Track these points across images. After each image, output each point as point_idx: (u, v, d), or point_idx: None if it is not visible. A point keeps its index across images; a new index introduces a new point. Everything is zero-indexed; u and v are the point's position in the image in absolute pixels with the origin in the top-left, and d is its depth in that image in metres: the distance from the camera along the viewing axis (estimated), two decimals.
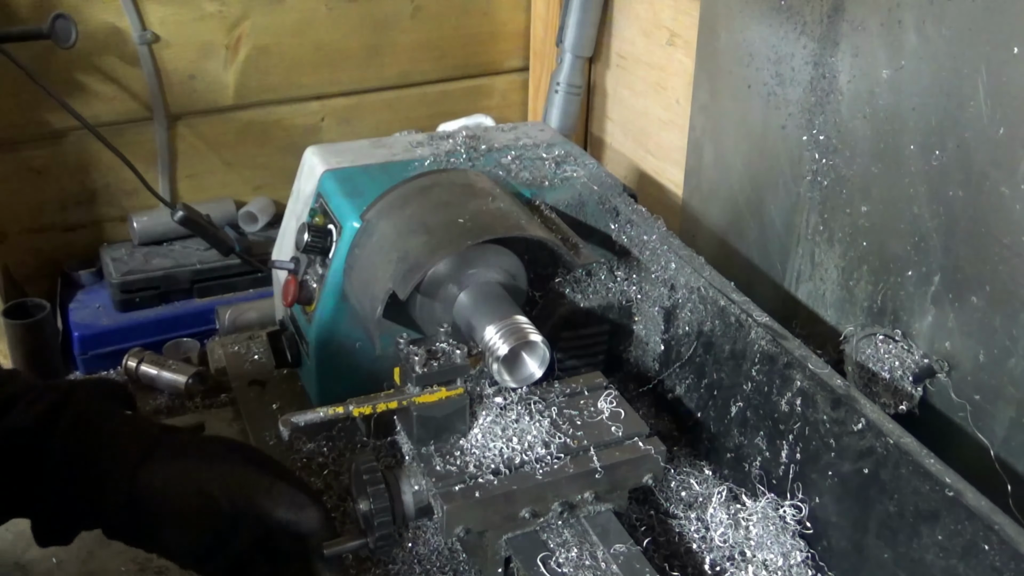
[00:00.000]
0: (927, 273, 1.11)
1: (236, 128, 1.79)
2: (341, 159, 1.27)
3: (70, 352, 1.61)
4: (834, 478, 0.95)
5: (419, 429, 0.93)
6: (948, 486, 0.83)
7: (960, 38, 1.01)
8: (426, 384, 0.92)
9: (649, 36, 1.68)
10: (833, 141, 1.22)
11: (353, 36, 1.81)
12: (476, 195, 1.13)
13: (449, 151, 1.30)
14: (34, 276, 1.73)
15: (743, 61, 1.35)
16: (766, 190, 1.35)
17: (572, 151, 1.35)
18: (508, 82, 2.00)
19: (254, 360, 1.41)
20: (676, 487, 1.10)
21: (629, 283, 1.23)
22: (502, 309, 1.00)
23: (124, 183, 1.72)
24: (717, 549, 1.01)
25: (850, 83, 1.17)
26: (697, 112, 1.50)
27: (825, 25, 1.19)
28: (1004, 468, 1.04)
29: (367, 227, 1.12)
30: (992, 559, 0.79)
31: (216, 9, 1.69)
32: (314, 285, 1.18)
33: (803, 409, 0.98)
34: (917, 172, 1.10)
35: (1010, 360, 1.02)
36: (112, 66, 1.66)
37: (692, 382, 1.16)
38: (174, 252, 1.73)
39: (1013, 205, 0.98)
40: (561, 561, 0.92)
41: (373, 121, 1.90)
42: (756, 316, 1.05)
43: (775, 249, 1.36)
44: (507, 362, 0.96)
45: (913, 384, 1.11)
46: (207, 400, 1.36)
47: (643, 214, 1.25)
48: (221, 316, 1.55)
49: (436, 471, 0.91)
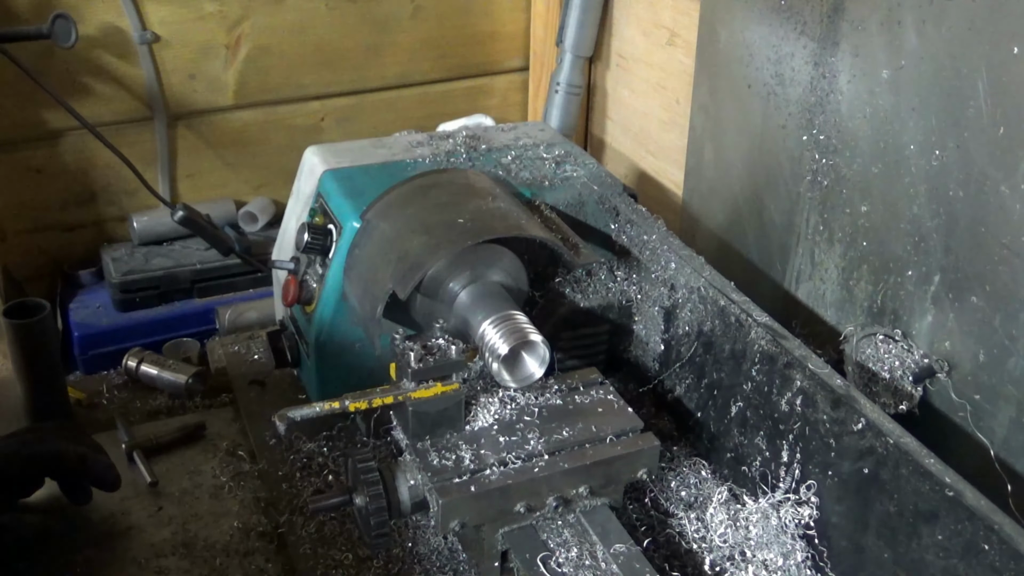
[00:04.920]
0: (927, 273, 1.11)
1: (236, 128, 1.79)
2: (341, 159, 1.27)
3: (70, 352, 1.61)
4: (834, 478, 0.95)
5: (415, 424, 0.94)
6: (948, 486, 0.83)
7: (960, 38, 1.01)
8: (422, 379, 0.93)
9: (649, 36, 1.68)
10: (833, 141, 1.22)
11: (353, 36, 1.81)
12: (476, 195, 1.13)
13: (449, 151, 1.30)
14: (34, 276, 1.73)
15: (743, 61, 1.35)
16: (766, 190, 1.35)
17: (572, 151, 1.35)
18: (508, 82, 2.00)
19: (254, 360, 1.41)
20: (676, 487, 1.10)
21: (629, 283, 1.23)
22: (502, 309, 1.00)
23: (124, 183, 1.72)
24: (717, 549, 1.01)
25: (850, 83, 1.17)
26: (697, 112, 1.50)
27: (825, 25, 1.19)
28: (1004, 468, 1.04)
29: (367, 227, 1.12)
30: (992, 559, 0.79)
31: (216, 9, 1.69)
32: (314, 285, 1.18)
33: (803, 409, 0.98)
34: (917, 172, 1.10)
35: (1010, 360, 1.02)
36: (112, 66, 1.66)
37: (692, 382, 1.16)
38: (174, 252, 1.73)
39: (1013, 205, 0.98)
40: (561, 561, 0.92)
41: (373, 121, 1.90)
42: (756, 316, 1.05)
43: (775, 249, 1.36)
44: (507, 362, 0.97)
45: (913, 384, 1.11)
46: (207, 400, 1.37)
47: (643, 214, 1.25)
48: (221, 316, 1.55)
49: (432, 465, 0.92)
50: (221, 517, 1.13)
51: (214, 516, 1.13)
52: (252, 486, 1.17)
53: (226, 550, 1.08)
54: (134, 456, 1.21)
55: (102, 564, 1.06)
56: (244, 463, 1.21)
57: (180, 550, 1.08)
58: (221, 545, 1.09)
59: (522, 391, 1.01)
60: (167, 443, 1.24)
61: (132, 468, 1.19)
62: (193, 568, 1.06)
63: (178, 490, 1.17)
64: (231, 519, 1.13)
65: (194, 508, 1.14)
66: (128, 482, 1.15)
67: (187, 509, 1.14)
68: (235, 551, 1.08)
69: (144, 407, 1.36)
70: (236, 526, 1.11)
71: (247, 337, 1.46)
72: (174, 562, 1.06)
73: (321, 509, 0.95)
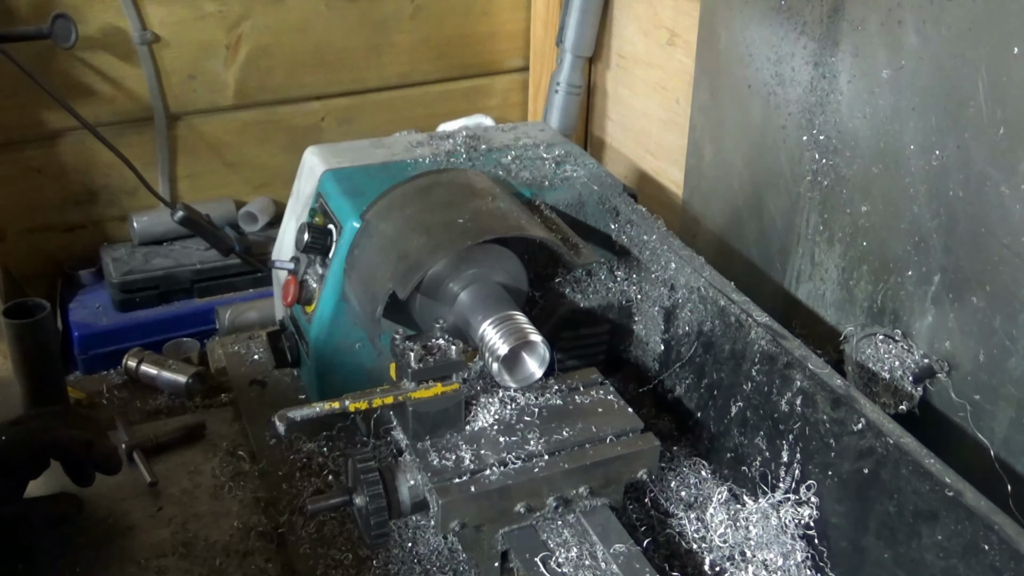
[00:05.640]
0: (927, 273, 1.11)
1: (236, 128, 1.79)
2: (341, 159, 1.27)
3: (70, 352, 1.61)
4: (834, 478, 0.95)
5: (415, 424, 0.94)
6: (948, 486, 0.83)
7: (960, 38, 1.01)
8: (422, 380, 0.92)
9: (649, 36, 1.68)
10: (833, 141, 1.22)
11: (353, 36, 1.81)
12: (476, 195, 1.13)
13: (449, 151, 1.30)
14: (34, 276, 1.73)
15: (743, 61, 1.35)
16: (766, 190, 1.35)
17: (572, 151, 1.35)
18: (508, 82, 2.00)
19: (254, 360, 1.41)
20: (676, 487, 1.10)
21: (629, 283, 1.23)
22: (502, 309, 1.00)
23: (124, 183, 1.72)
24: (717, 549, 1.01)
25: (850, 83, 1.17)
26: (697, 112, 1.50)
27: (825, 25, 1.19)
28: (1004, 468, 1.04)
29: (367, 227, 1.12)
30: (992, 559, 0.79)
31: (216, 9, 1.69)
32: (314, 285, 1.18)
33: (803, 409, 0.98)
34: (917, 172, 1.10)
35: (1010, 360, 1.02)
36: (112, 66, 1.66)
37: (692, 382, 1.16)
38: (174, 252, 1.73)
39: (1013, 205, 0.98)
40: (561, 561, 0.92)
41: (373, 121, 1.90)
42: (756, 316, 1.05)
43: (775, 249, 1.36)
44: (507, 362, 0.97)
45: (913, 384, 1.11)
46: (207, 400, 1.36)
47: (643, 214, 1.25)
48: (221, 316, 1.55)
49: (432, 466, 0.92)
50: (221, 517, 1.13)
51: (214, 516, 1.13)
52: (252, 486, 1.17)
53: (226, 550, 1.08)
54: (134, 456, 1.20)
55: (102, 564, 1.06)
56: (244, 463, 1.21)
57: (180, 550, 1.08)
58: (221, 545, 1.09)
59: (522, 391, 1.01)
60: (167, 443, 1.24)
61: (132, 468, 1.19)
62: (193, 568, 1.06)
63: (178, 490, 1.17)
64: (231, 519, 1.12)
65: (194, 508, 1.14)
66: (128, 482, 1.15)
67: (187, 509, 1.14)
68: (235, 551, 1.08)
69: (144, 407, 1.36)
70: (236, 526, 1.11)
71: (247, 337, 1.46)
72: (174, 562, 1.06)
73: (320, 510, 0.95)
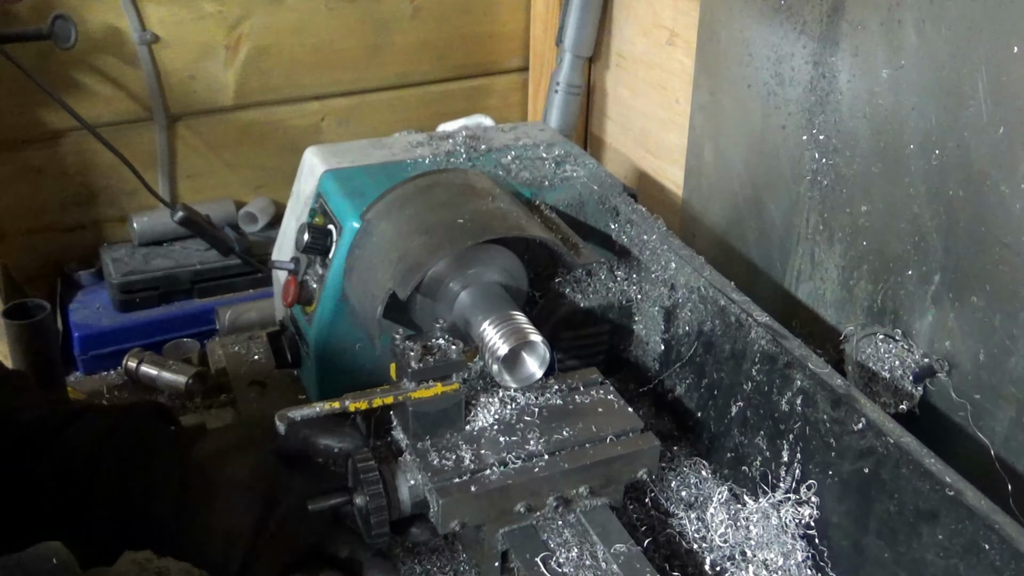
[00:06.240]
0: (927, 273, 1.11)
1: (236, 128, 1.79)
2: (341, 159, 1.27)
3: (70, 352, 1.61)
4: (834, 478, 0.95)
5: (415, 424, 0.93)
6: (948, 485, 0.83)
7: (960, 38, 1.01)
8: (422, 379, 0.92)
9: (649, 36, 1.68)
10: (833, 141, 1.22)
11: (353, 36, 1.81)
12: (476, 195, 1.13)
13: (449, 151, 1.30)
14: (34, 276, 1.73)
15: (743, 61, 1.35)
16: (766, 190, 1.36)
17: (572, 151, 1.35)
18: (508, 82, 2.00)
19: (254, 360, 1.41)
20: (676, 487, 1.10)
21: (629, 283, 1.23)
22: (502, 309, 1.00)
23: (124, 183, 1.72)
24: (717, 549, 1.01)
25: (850, 83, 1.17)
26: (697, 112, 1.50)
27: (825, 25, 1.19)
28: (1004, 468, 1.05)
29: (367, 227, 1.12)
30: (992, 558, 0.79)
31: (216, 9, 1.69)
32: (314, 285, 1.18)
33: (803, 409, 0.98)
34: (917, 172, 1.10)
35: (1010, 360, 1.02)
36: (112, 66, 1.66)
37: (692, 382, 1.16)
38: (174, 252, 1.73)
39: (1013, 205, 0.98)
40: (561, 561, 0.92)
41: (373, 121, 1.90)
42: (756, 316, 1.05)
43: (775, 249, 1.36)
44: (507, 362, 0.97)
45: (913, 384, 1.11)
46: (207, 400, 1.37)
47: (643, 214, 1.25)
48: (221, 316, 1.55)
49: (432, 465, 0.92)
50: None
51: None
52: None
53: None
54: None
55: None
56: None
57: None
58: None
59: (522, 391, 1.01)
60: None
61: None
62: (193, 568, 1.05)
63: None
64: None
65: None
66: None
67: None
68: None
69: None
70: None
71: (247, 337, 1.46)
72: (174, 562, 1.06)
73: (320, 510, 0.95)
